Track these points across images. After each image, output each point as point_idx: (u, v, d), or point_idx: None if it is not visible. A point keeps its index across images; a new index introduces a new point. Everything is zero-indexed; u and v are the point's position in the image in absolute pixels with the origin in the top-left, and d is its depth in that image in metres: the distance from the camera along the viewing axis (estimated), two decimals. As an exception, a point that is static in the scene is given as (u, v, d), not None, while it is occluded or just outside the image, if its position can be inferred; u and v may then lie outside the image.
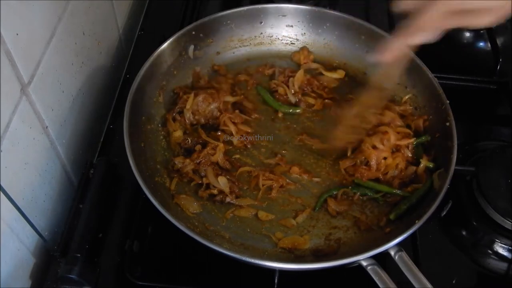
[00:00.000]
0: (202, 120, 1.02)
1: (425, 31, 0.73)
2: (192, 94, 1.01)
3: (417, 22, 0.72)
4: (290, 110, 1.06)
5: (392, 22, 1.22)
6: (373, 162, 0.94)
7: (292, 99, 1.07)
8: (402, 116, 1.04)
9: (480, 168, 0.95)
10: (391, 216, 0.90)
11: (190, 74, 1.09)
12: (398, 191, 0.93)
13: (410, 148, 0.97)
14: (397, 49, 0.77)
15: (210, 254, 0.80)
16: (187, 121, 1.01)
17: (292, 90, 1.08)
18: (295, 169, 0.97)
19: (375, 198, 0.94)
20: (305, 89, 1.09)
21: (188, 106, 1.00)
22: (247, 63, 1.13)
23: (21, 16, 0.74)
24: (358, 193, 0.94)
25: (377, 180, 0.96)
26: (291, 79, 1.09)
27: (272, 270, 0.86)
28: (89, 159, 0.97)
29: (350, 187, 0.94)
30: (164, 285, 0.87)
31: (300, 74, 1.09)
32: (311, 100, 1.07)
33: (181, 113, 1.02)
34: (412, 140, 0.97)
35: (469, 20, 0.71)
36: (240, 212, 0.92)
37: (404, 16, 0.75)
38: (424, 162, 0.95)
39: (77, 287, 0.82)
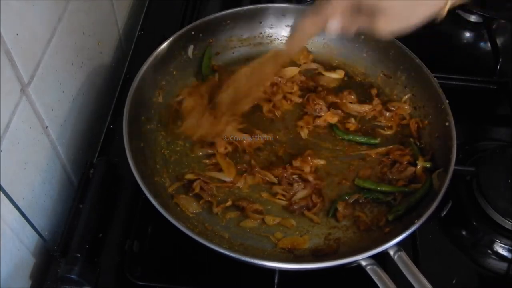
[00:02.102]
0: None
1: (332, 21, 0.76)
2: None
3: (323, 10, 0.77)
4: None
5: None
6: None
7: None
8: (402, 118, 1.05)
9: (480, 168, 0.95)
10: (389, 217, 0.90)
11: (190, 74, 1.09)
12: (406, 189, 0.93)
13: None
14: (307, 32, 0.84)
15: (210, 254, 0.80)
16: None
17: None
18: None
19: (378, 198, 0.94)
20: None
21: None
22: (247, 63, 1.13)
23: (21, 16, 0.74)
24: (365, 196, 0.94)
25: (381, 180, 0.96)
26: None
27: (272, 270, 0.86)
28: (89, 159, 0.97)
29: (362, 193, 0.94)
30: (164, 285, 0.87)
31: (291, 70, 1.10)
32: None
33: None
34: None
35: (371, 22, 0.74)
36: (247, 223, 0.91)
37: None
38: (421, 163, 0.95)
39: (77, 287, 0.82)
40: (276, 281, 0.85)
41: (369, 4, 0.72)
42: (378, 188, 0.94)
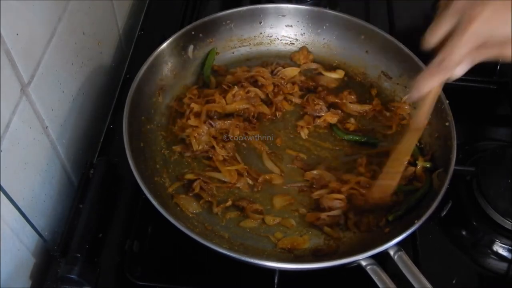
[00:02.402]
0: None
1: (456, 66, 0.72)
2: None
3: (448, 58, 0.71)
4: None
5: (392, 22, 1.22)
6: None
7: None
8: (402, 118, 1.05)
9: (480, 168, 0.95)
10: (389, 218, 0.90)
11: (190, 74, 1.09)
12: (409, 187, 0.94)
13: None
14: (430, 86, 0.77)
15: (210, 254, 0.80)
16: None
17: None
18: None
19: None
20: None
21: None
22: (247, 63, 1.13)
23: (21, 16, 0.74)
24: None
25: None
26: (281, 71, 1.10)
27: (272, 270, 0.86)
28: (89, 159, 0.97)
29: None
30: (164, 285, 0.87)
31: (291, 70, 1.10)
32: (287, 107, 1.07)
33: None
34: None
35: (500, 51, 0.70)
36: (246, 223, 0.91)
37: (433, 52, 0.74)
38: (421, 163, 0.95)
39: (77, 287, 0.82)
40: (276, 281, 0.85)
41: (499, 36, 0.69)
42: None
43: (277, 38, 1.15)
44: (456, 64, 0.72)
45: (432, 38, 0.73)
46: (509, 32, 0.67)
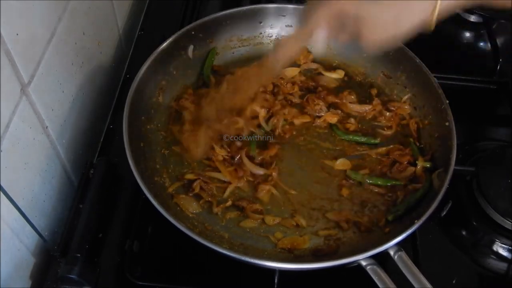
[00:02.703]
0: None
1: (317, 33, 0.77)
2: None
3: (307, 24, 0.77)
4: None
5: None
6: None
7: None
8: (402, 118, 1.05)
9: (480, 168, 0.95)
10: (389, 218, 0.90)
11: (190, 74, 1.09)
12: (396, 182, 0.95)
13: None
14: (292, 48, 0.85)
15: (210, 254, 0.80)
16: None
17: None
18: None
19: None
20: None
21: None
22: (247, 63, 1.13)
23: (21, 16, 0.74)
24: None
25: (383, 175, 0.97)
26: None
27: (272, 270, 0.86)
28: (89, 159, 0.97)
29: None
30: (164, 285, 0.87)
31: (291, 70, 1.10)
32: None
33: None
34: None
35: (358, 33, 0.74)
36: (246, 223, 0.91)
37: None
38: (421, 163, 0.95)
39: (77, 287, 0.82)
40: (276, 281, 0.85)
41: (351, 13, 0.73)
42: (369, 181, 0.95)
43: (277, 38, 1.15)
44: (313, 28, 0.78)
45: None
46: (357, 11, 0.72)
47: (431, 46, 1.25)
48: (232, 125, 0.96)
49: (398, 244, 0.80)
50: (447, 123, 0.94)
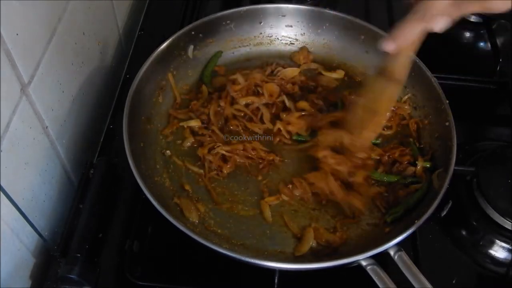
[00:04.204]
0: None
1: (440, 16, 0.70)
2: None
3: (428, 9, 0.71)
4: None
5: (392, 22, 1.22)
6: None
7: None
8: (402, 118, 1.05)
9: (480, 168, 0.95)
10: (388, 219, 0.90)
11: (190, 74, 1.09)
12: (395, 178, 0.95)
13: None
14: (410, 34, 0.74)
15: (210, 254, 0.80)
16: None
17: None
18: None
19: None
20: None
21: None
22: (247, 63, 1.13)
23: (21, 16, 0.74)
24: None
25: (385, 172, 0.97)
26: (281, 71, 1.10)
27: (272, 270, 0.86)
28: (89, 159, 0.97)
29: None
30: (164, 285, 0.87)
31: (291, 71, 1.10)
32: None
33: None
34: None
35: (482, 5, 0.69)
36: (249, 211, 0.92)
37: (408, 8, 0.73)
38: (421, 163, 0.95)
39: (77, 287, 0.82)
40: (276, 281, 0.85)
41: None
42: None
43: (277, 38, 1.15)
44: (435, 15, 0.71)
45: None
46: None
47: (431, 46, 1.25)
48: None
49: (398, 244, 0.80)
50: (447, 123, 0.95)
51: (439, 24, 0.71)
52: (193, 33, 1.07)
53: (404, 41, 0.76)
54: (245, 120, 1.02)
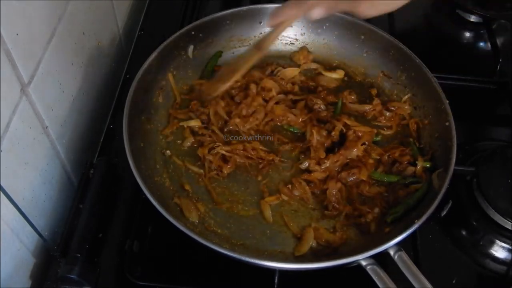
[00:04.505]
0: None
1: (312, 8, 0.79)
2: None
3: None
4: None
5: (392, 22, 1.22)
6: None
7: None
8: (402, 118, 1.05)
9: (480, 168, 0.95)
10: (388, 219, 0.90)
11: (190, 74, 1.09)
12: (397, 179, 0.95)
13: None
14: (287, 15, 0.85)
15: (210, 254, 0.80)
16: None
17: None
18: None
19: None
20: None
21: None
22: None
23: (21, 16, 0.74)
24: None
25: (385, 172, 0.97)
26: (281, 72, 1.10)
27: (272, 270, 0.86)
28: (89, 159, 0.97)
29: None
30: (164, 285, 0.87)
31: (291, 70, 1.10)
32: None
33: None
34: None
35: (351, 8, 0.80)
36: (249, 211, 0.92)
37: None
38: (421, 163, 0.95)
39: (77, 287, 0.82)
40: (276, 281, 0.85)
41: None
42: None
43: (277, 38, 1.15)
44: (312, 6, 0.80)
45: None
46: None
47: (431, 46, 1.26)
48: None
49: (398, 244, 0.80)
50: (447, 123, 0.95)
51: (315, 14, 0.81)
52: (193, 33, 1.07)
53: (280, 20, 0.87)
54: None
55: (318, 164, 0.96)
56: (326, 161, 0.95)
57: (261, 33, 1.14)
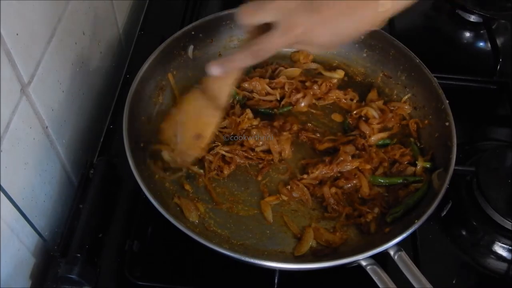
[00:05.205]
0: None
1: (268, 54, 0.72)
2: None
3: (264, 49, 0.72)
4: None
5: (392, 22, 1.22)
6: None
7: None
8: (402, 118, 1.05)
9: (480, 168, 0.95)
10: (388, 219, 0.90)
11: (190, 74, 1.09)
12: (400, 180, 0.95)
13: None
14: (240, 64, 0.76)
15: (210, 254, 0.80)
16: None
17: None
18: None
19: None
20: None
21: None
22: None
23: (21, 16, 0.74)
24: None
25: (384, 174, 0.97)
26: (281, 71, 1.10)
27: (272, 270, 0.86)
28: (89, 159, 0.97)
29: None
30: (164, 285, 0.87)
31: (292, 71, 1.10)
32: None
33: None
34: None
35: (305, 47, 0.79)
36: (249, 211, 0.92)
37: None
38: (421, 163, 0.95)
39: (77, 287, 0.82)
40: (276, 281, 0.85)
41: (311, 42, 0.72)
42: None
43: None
44: (269, 54, 0.73)
45: (249, 20, 0.73)
46: (320, 42, 0.71)
47: (431, 46, 1.26)
48: None
49: (398, 244, 0.80)
50: (447, 123, 0.95)
51: (259, 60, 0.73)
52: (193, 33, 1.07)
53: (231, 69, 0.78)
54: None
55: (306, 173, 0.95)
56: (315, 171, 0.94)
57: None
